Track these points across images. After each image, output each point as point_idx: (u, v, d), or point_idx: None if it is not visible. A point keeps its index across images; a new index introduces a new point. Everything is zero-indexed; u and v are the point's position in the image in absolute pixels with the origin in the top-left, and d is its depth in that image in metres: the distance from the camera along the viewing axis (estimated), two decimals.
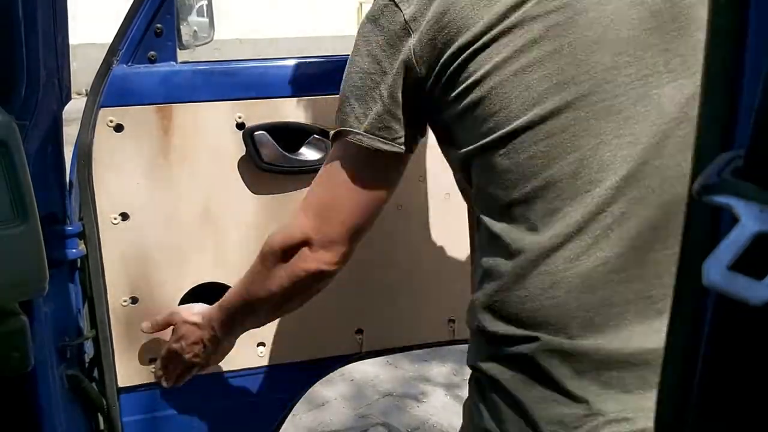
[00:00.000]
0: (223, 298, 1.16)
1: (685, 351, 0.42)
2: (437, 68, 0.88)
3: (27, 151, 1.05)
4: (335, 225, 0.96)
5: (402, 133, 0.92)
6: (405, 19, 0.88)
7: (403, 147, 0.93)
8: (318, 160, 1.33)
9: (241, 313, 1.13)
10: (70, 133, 1.22)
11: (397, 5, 0.89)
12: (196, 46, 1.51)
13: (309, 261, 0.98)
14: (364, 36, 0.92)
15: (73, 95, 1.30)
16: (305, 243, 0.97)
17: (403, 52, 0.89)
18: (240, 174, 1.33)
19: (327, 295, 1.43)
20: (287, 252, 0.99)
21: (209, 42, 1.57)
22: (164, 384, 1.31)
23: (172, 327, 1.27)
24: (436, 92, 0.90)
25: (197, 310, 1.24)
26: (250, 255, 1.36)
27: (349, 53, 0.97)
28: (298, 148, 1.33)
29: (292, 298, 1.08)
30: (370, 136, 0.91)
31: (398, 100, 0.91)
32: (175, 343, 1.24)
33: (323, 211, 0.97)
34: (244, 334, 1.40)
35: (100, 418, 1.41)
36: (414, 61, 0.88)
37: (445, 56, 0.87)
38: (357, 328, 1.46)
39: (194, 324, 1.21)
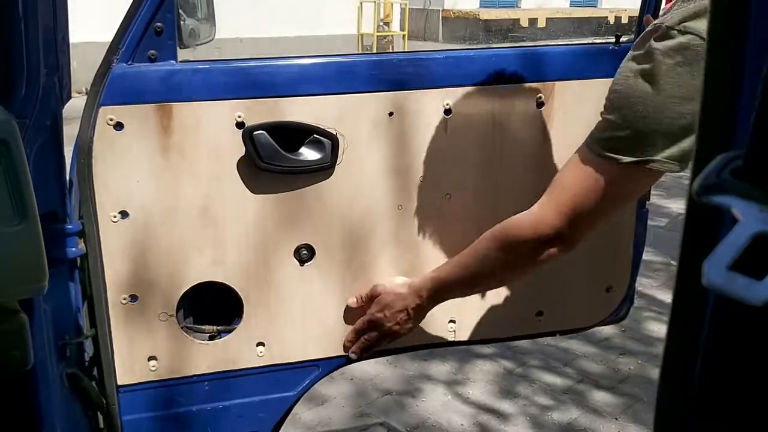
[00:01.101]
0: (439, 271, 1.32)
1: (685, 351, 0.42)
2: None
3: (27, 149, 1.06)
4: (588, 227, 1.16)
5: (686, 158, 1.05)
6: None
7: (681, 168, 1.07)
8: (317, 160, 1.33)
9: (461, 285, 1.31)
10: (70, 131, 1.22)
11: None
12: (197, 45, 1.50)
13: (556, 249, 1.17)
14: (672, 78, 0.98)
15: (74, 94, 1.30)
16: (556, 238, 1.16)
17: None
18: (239, 173, 1.33)
19: (328, 295, 1.43)
20: (537, 245, 1.17)
21: (210, 41, 1.57)
22: (352, 356, 1.42)
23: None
24: None
25: (401, 281, 1.37)
26: (250, 253, 1.37)
27: (353, 54, 0.97)
28: (298, 148, 1.33)
29: (524, 276, 1.30)
30: (671, 162, 1.04)
31: None
32: (379, 312, 1.36)
33: (579, 216, 1.13)
34: (244, 335, 1.40)
35: (100, 417, 1.41)
36: None
37: None
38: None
39: (400, 294, 1.34)
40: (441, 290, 1.32)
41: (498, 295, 1.52)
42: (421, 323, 1.48)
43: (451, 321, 1.51)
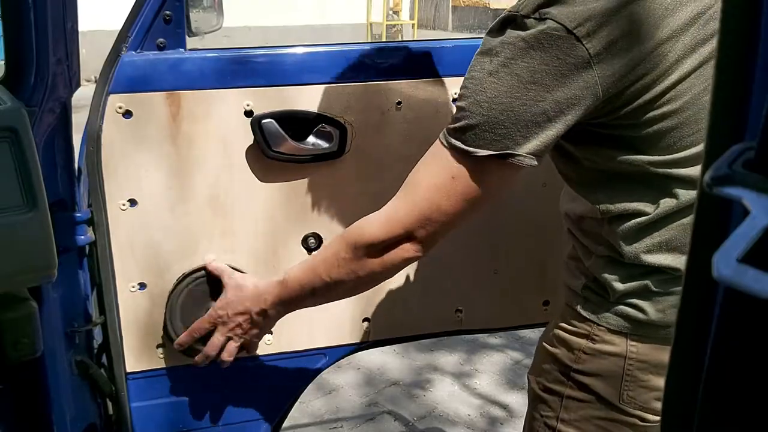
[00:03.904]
0: (287, 276, 1.17)
1: (695, 343, 0.42)
2: (624, 97, 0.94)
3: (36, 137, 1.06)
4: (443, 226, 1.04)
5: (545, 150, 0.97)
6: (590, 54, 0.91)
7: (538, 161, 0.98)
8: (325, 148, 1.33)
9: (311, 293, 1.16)
10: (79, 119, 1.23)
11: (578, 39, 0.91)
12: (205, 33, 1.50)
13: (409, 251, 1.06)
14: (525, 63, 0.92)
15: (83, 82, 1.30)
16: (408, 238, 1.05)
17: (583, 82, 0.92)
18: (248, 161, 1.33)
19: None
20: (388, 245, 1.06)
21: (218, 29, 1.56)
22: (198, 361, 1.29)
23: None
24: (614, 114, 0.96)
25: (250, 281, 1.25)
26: (258, 242, 1.37)
27: (362, 42, 0.97)
28: (306, 137, 1.33)
29: (375, 282, 1.15)
30: (530, 156, 0.96)
31: (566, 124, 0.95)
32: (221, 309, 1.25)
33: (433, 214, 1.02)
34: None
35: (109, 404, 1.43)
36: (598, 91, 0.93)
37: (636, 88, 0.94)
38: (364, 317, 1.47)
39: (243, 295, 1.24)
40: (287, 297, 1.18)
41: (505, 284, 1.52)
42: (427, 312, 1.48)
43: (457, 310, 1.51)
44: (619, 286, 1.06)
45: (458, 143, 0.97)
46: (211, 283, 1.34)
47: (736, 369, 0.39)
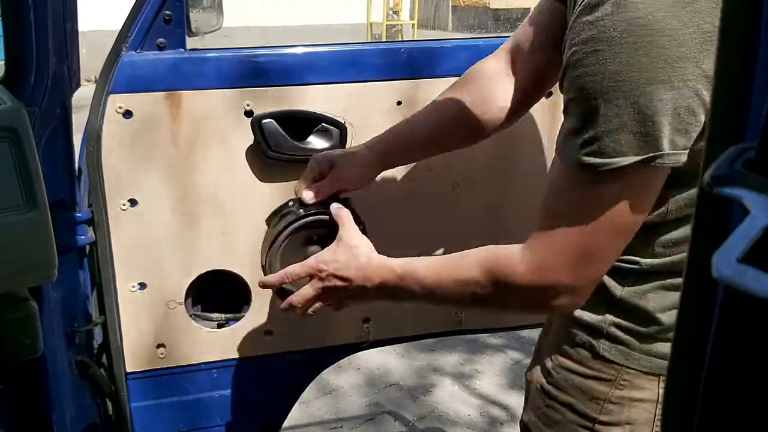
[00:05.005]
0: (405, 270, 1.01)
1: (695, 343, 0.42)
2: None
3: (36, 137, 1.06)
4: (600, 271, 0.89)
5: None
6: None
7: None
8: (326, 148, 1.33)
9: (424, 297, 1.02)
10: (79, 119, 1.23)
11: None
12: (205, 33, 1.50)
13: (563, 300, 0.89)
14: (628, 53, 0.76)
15: (83, 82, 1.30)
16: (561, 286, 0.88)
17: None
18: (248, 161, 1.33)
19: None
20: (542, 296, 0.90)
21: (218, 29, 1.56)
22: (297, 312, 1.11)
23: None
24: None
25: (364, 250, 1.06)
26: (258, 242, 1.37)
27: (362, 42, 0.94)
28: (306, 137, 1.33)
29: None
30: (679, 152, 0.80)
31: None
32: (323, 264, 1.06)
33: (589, 256, 0.86)
34: (252, 323, 1.41)
35: (109, 404, 1.43)
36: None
37: None
38: (364, 317, 1.47)
39: (354, 263, 1.05)
40: (396, 289, 1.03)
41: None
42: (427, 312, 1.47)
43: (457, 310, 1.51)
44: (665, 317, 0.92)
45: (593, 159, 0.80)
46: (323, 227, 1.17)
47: (736, 369, 0.39)
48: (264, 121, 1.29)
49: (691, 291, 0.43)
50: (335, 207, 1.14)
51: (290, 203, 1.19)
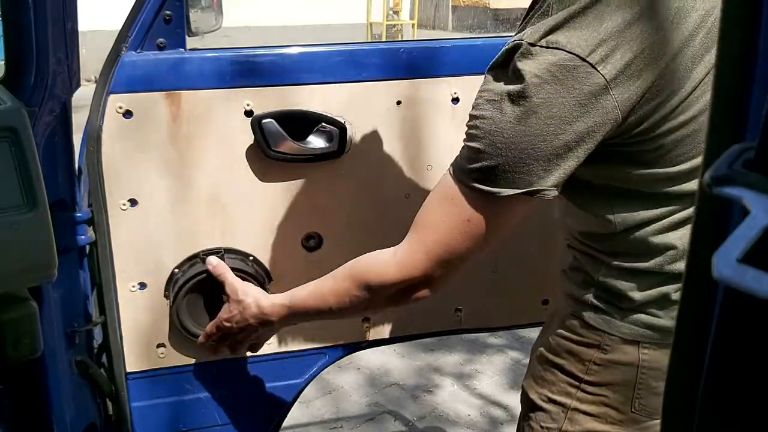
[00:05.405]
0: (293, 302, 1.19)
1: (695, 344, 0.42)
2: (641, 115, 0.92)
3: (36, 137, 1.06)
4: (458, 267, 1.03)
5: (566, 178, 0.95)
6: (606, 80, 0.88)
7: (558, 190, 0.96)
8: (326, 148, 1.33)
9: (317, 316, 1.20)
10: (79, 119, 1.23)
11: (593, 66, 0.88)
12: (205, 33, 1.50)
13: (424, 293, 1.07)
14: (541, 98, 0.89)
15: (83, 82, 1.30)
16: (424, 282, 1.05)
17: (602, 109, 0.90)
18: (248, 162, 1.33)
19: None
20: (402, 288, 1.06)
21: (218, 29, 1.56)
22: (210, 351, 1.35)
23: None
24: (630, 132, 0.94)
25: (251, 298, 1.25)
26: (258, 241, 1.37)
27: (362, 42, 0.96)
28: (307, 136, 1.33)
29: (383, 311, 1.19)
30: (554, 189, 0.94)
31: (587, 151, 0.93)
32: (226, 322, 1.27)
33: (451, 257, 1.01)
34: None
35: (109, 404, 1.42)
36: (618, 115, 0.90)
37: (653, 104, 0.92)
38: (363, 317, 1.47)
39: (248, 312, 1.24)
40: (292, 318, 1.22)
41: (504, 282, 1.52)
42: (426, 311, 1.47)
43: (457, 309, 1.51)
44: (637, 295, 1.03)
45: (479, 185, 0.94)
46: (211, 282, 1.33)
47: (736, 369, 0.39)
48: (264, 120, 1.29)
49: (691, 291, 0.43)
50: (211, 264, 1.32)
51: (201, 254, 1.35)
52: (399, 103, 1.36)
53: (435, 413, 2.70)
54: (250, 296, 1.25)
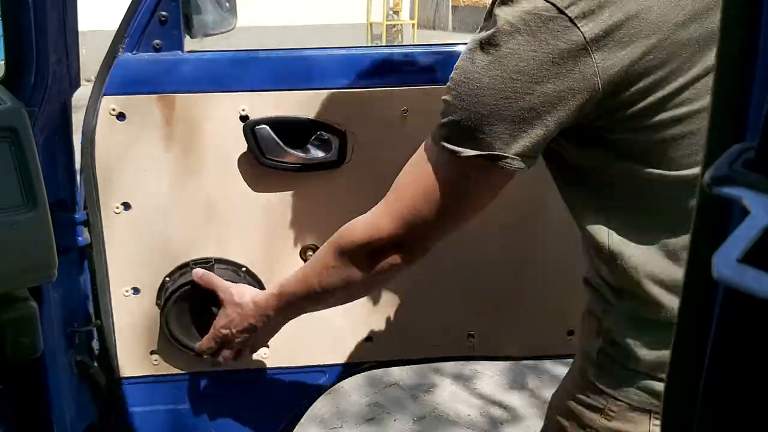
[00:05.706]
0: (282, 287, 1.13)
1: (695, 344, 0.42)
2: (631, 93, 0.81)
3: (36, 137, 1.06)
4: (427, 235, 0.96)
5: (535, 153, 0.86)
6: (585, 39, 0.78)
7: (528, 165, 0.86)
8: (324, 157, 1.27)
9: (307, 302, 1.13)
10: (79, 119, 1.22)
11: (571, 20, 0.78)
12: (214, 34, 1.43)
13: (395, 259, 0.98)
14: (510, 48, 0.80)
15: (83, 82, 1.30)
16: (393, 246, 0.97)
17: (579, 72, 0.79)
18: (243, 168, 1.28)
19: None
20: (372, 251, 0.99)
21: (231, 30, 1.49)
22: (212, 363, 1.30)
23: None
24: (618, 114, 0.83)
25: (247, 296, 1.20)
26: (254, 251, 1.33)
27: (366, 46, 0.93)
28: (304, 144, 1.27)
29: (368, 290, 1.14)
30: (518, 159, 0.84)
31: (559, 122, 0.83)
32: (224, 329, 1.21)
33: (416, 221, 0.94)
34: None
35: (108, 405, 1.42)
36: (597, 84, 0.80)
37: (647, 83, 0.80)
38: (367, 336, 1.41)
39: (245, 313, 1.19)
40: (288, 306, 1.14)
41: (524, 308, 1.41)
42: (435, 334, 1.40)
43: (470, 335, 1.42)
44: (645, 353, 0.89)
45: (444, 143, 0.87)
46: (201, 291, 1.28)
47: (736, 369, 0.39)
48: (257, 127, 1.25)
49: (691, 291, 0.43)
50: (197, 275, 1.27)
51: (191, 264, 1.31)
52: (405, 111, 1.28)
53: (435, 413, 2.70)
54: (246, 296, 1.21)
